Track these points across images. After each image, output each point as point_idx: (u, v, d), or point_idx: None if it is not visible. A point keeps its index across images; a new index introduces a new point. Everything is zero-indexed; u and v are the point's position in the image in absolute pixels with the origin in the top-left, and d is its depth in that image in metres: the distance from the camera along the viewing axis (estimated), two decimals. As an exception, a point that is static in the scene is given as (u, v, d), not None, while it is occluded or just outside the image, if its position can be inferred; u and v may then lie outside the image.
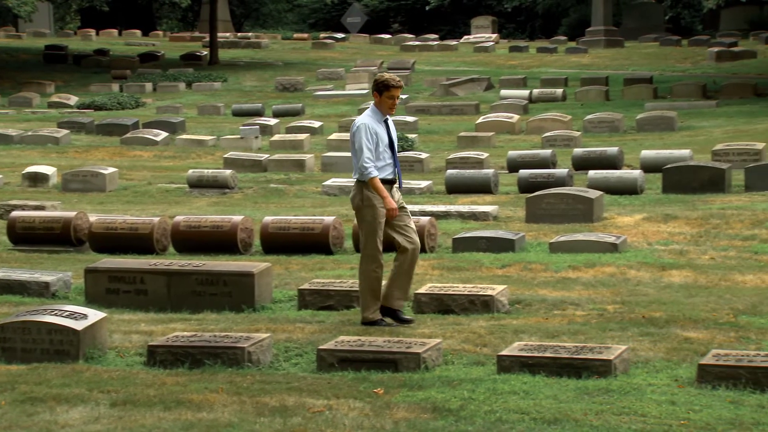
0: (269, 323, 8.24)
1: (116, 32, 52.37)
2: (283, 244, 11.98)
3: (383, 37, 50.55)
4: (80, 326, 7.27)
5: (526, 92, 31.30)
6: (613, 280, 10.03)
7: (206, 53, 42.31)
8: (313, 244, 11.90)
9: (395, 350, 6.99)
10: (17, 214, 12.98)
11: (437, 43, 46.78)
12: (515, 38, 52.56)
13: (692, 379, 6.44)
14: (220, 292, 8.95)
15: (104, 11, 45.85)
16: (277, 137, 24.24)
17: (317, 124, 26.36)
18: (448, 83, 33.48)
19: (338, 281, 9.42)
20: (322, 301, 9.03)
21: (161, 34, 53.64)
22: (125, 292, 9.12)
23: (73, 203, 15.89)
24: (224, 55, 42.74)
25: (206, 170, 18.18)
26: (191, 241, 12.08)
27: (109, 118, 27.78)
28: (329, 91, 34.54)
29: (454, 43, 46.80)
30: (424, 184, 16.67)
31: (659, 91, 30.77)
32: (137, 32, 52.01)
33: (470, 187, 16.05)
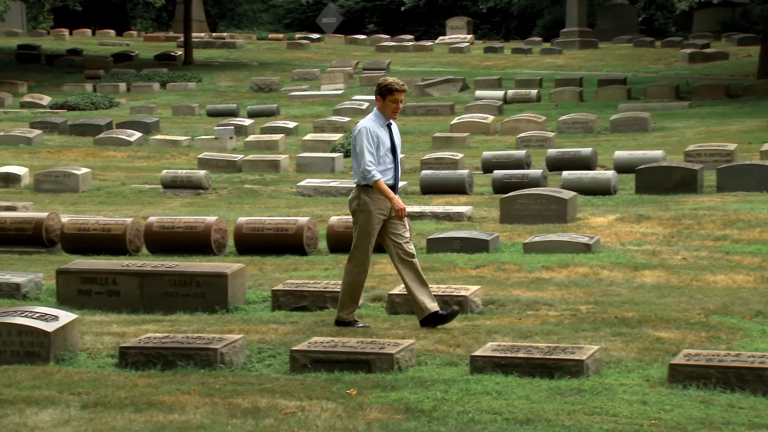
0: (242, 324, 8.21)
1: (90, 32, 52.08)
2: (257, 244, 11.95)
3: (358, 37, 50.55)
4: (51, 328, 7.22)
5: (500, 93, 31.37)
6: (586, 280, 10.07)
7: (181, 53, 42.14)
8: (287, 244, 11.87)
9: (368, 351, 6.99)
10: (-12, 214, 12.88)
11: (412, 43, 46.81)
12: (490, 39, 52.69)
13: (663, 378, 6.47)
14: (193, 293, 8.91)
15: (77, 11, 45.59)
16: (251, 138, 24.18)
17: (292, 124, 26.31)
18: (423, 84, 33.51)
19: (312, 282, 9.41)
20: (295, 302, 9.02)
21: (135, 34, 53.36)
22: (97, 293, 9.06)
23: (45, 204, 15.77)
24: (199, 55, 42.58)
25: (180, 171, 18.10)
26: (164, 242, 12.02)
27: (82, 118, 27.60)
28: (304, 91, 34.48)
29: (429, 43, 46.86)
30: (399, 184, 16.66)
31: (633, 92, 30.93)
32: (111, 32, 51.73)
33: (445, 187, 16.08)
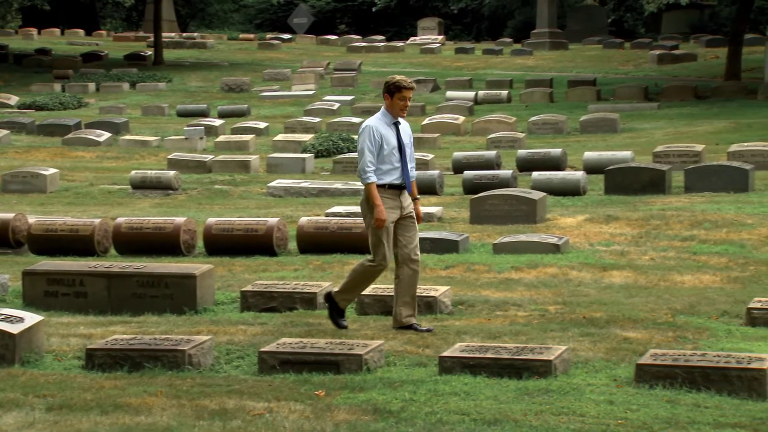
0: (211, 325, 8.17)
1: (58, 31, 51.68)
2: (226, 245, 11.90)
3: (330, 38, 50.50)
4: (16, 330, 7.14)
5: (471, 94, 31.44)
6: (555, 280, 10.10)
7: (151, 53, 41.91)
8: (256, 245, 11.83)
9: (337, 352, 6.97)
10: (-46, 215, 12.75)
11: (384, 44, 46.84)
12: (461, 40, 52.79)
13: (631, 378, 6.50)
14: (161, 294, 8.86)
15: (46, 10, 45.22)
16: (222, 138, 24.09)
17: (263, 125, 26.26)
18: (394, 84, 33.50)
19: (281, 283, 9.39)
20: (264, 303, 8.99)
21: (105, 33, 53.04)
22: (64, 294, 8.99)
23: (12, 204, 15.63)
24: (169, 55, 42.37)
25: (150, 171, 18.00)
26: (133, 242, 11.95)
27: (50, 118, 27.39)
28: (275, 92, 34.41)
29: (400, 44, 46.89)
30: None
31: (602, 93, 31.11)
32: (80, 32, 51.37)
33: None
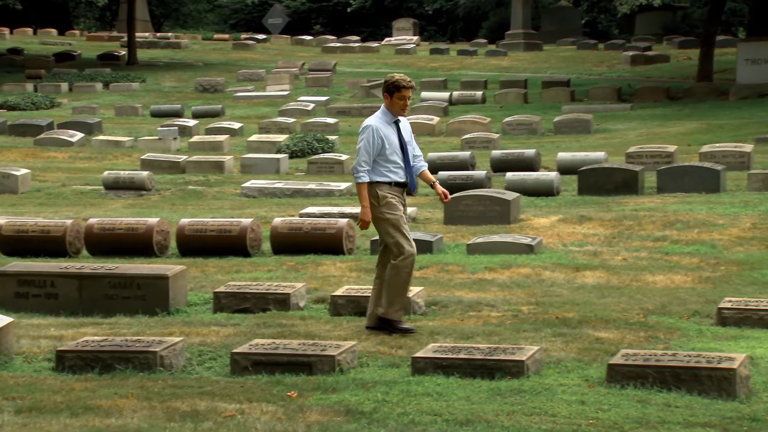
0: (183, 327, 8.14)
1: (31, 31, 51.33)
2: (199, 246, 11.85)
3: (305, 38, 50.44)
4: (-14, 332, 7.09)
5: (446, 94, 31.49)
6: (528, 281, 10.13)
7: (124, 53, 41.70)
8: (230, 246, 11.79)
9: (310, 353, 6.96)
10: (-76, 216, 12.63)
11: (359, 44, 46.84)
12: (436, 41, 52.88)
13: (602, 378, 6.53)
14: (133, 295, 8.81)
15: (17, 10, 44.86)
16: (196, 138, 23.99)
17: (237, 125, 26.18)
18: (369, 85, 33.52)
19: (254, 284, 9.36)
20: (237, 303, 8.96)
21: (78, 33, 52.72)
22: (35, 296, 8.92)
23: (-17, 205, 15.52)
24: (143, 55, 42.18)
25: (123, 172, 17.90)
26: (105, 243, 11.88)
27: (22, 118, 27.19)
28: (250, 92, 34.33)
29: (375, 44, 46.91)
30: (343, 185, 16.66)
31: (576, 94, 31.24)
32: (53, 31, 51.04)
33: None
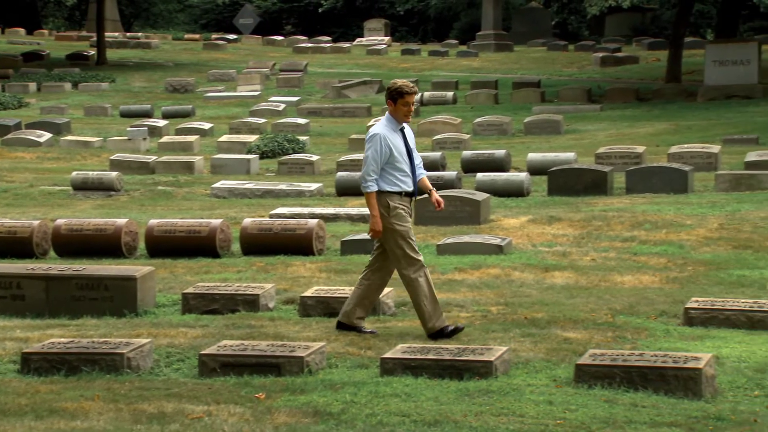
0: (151, 328, 8.09)
1: (-1, 30, 50.91)
2: (168, 247, 11.78)
3: (276, 38, 50.33)
4: (-50, 334, 7.02)
5: (417, 95, 31.52)
6: (497, 281, 10.15)
7: (94, 53, 41.44)
8: (199, 247, 11.72)
9: (278, 354, 6.94)
10: None
11: (330, 45, 46.81)
12: (408, 41, 52.93)
13: (570, 378, 6.55)
14: (101, 296, 8.74)
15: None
16: (166, 139, 23.88)
17: (208, 125, 26.09)
18: (340, 85, 33.50)
19: (223, 285, 9.32)
20: (206, 305, 8.91)
21: (46, 32, 52.33)
22: (1, 297, 8.83)
23: (-51, 206, 15.36)
24: (113, 55, 41.92)
25: (91, 172, 17.78)
26: (73, 244, 11.78)
27: (-10, 118, 26.97)
28: (220, 92, 34.22)
29: (346, 45, 46.90)
30: (314, 186, 16.64)
31: (546, 95, 31.38)
32: (21, 30, 50.63)
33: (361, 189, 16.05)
